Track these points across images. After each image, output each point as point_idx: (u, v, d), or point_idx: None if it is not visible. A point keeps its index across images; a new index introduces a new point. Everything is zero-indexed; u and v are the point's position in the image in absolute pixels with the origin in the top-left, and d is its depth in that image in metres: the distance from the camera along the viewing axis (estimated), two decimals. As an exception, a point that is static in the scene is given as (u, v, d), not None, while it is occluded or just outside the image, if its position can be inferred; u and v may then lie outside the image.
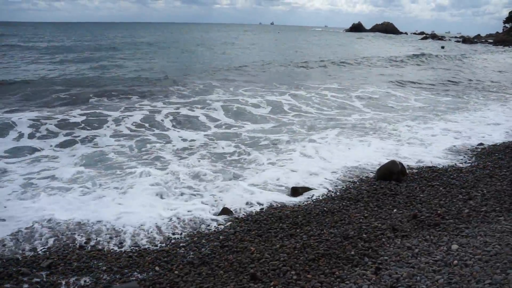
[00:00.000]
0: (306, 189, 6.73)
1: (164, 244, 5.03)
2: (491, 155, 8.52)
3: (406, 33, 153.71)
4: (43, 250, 4.84)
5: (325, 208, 5.82)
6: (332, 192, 6.65)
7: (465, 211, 5.45)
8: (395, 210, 5.71)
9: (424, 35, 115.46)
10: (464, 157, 8.55)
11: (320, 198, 6.41)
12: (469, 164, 7.90)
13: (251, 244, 4.86)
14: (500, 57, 41.05)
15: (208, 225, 5.55)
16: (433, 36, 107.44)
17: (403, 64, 29.90)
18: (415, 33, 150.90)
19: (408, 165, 7.84)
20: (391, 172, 6.93)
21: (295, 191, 6.62)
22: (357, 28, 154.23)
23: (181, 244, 4.98)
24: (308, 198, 6.44)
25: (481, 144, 9.51)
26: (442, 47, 64.83)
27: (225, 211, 5.95)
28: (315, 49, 42.89)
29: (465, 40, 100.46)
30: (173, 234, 5.32)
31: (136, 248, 4.96)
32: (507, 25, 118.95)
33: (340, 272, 4.09)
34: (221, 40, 58.43)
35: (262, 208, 6.06)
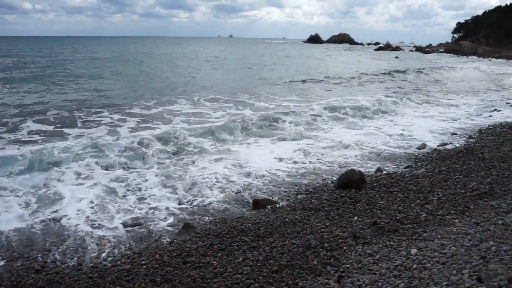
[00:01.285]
0: (268, 201, 6.73)
1: (125, 263, 4.90)
2: (445, 159, 8.79)
3: (362, 44, 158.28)
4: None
5: (286, 219, 5.83)
6: (292, 202, 6.69)
7: (422, 216, 5.58)
8: (355, 218, 5.78)
9: (379, 45, 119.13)
10: (420, 163, 8.81)
11: (282, 209, 6.42)
12: (425, 170, 8.12)
13: (213, 258, 4.80)
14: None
15: (171, 242, 5.46)
16: (388, 46, 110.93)
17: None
18: (370, 44, 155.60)
19: (366, 172, 8.01)
20: (351, 180, 7.04)
21: (257, 204, 6.60)
22: (314, 39, 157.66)
23: (142, 262, 4.86)
24: (270, 209, 6.45)
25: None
26: (396, 57, 67.60)
27: (187, 226, 5.87)
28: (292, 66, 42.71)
29: (418, 49, 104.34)
30: (133, 252, 5.19)
31: (95, 268, 4.81)
32: (455, 35, 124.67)
33: (304, 282, 4.09)
34: (185, 54, 57.49)
35: (225, 221, 6.03)
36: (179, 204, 6.95)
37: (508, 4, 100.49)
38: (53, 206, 6.70)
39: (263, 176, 8.29)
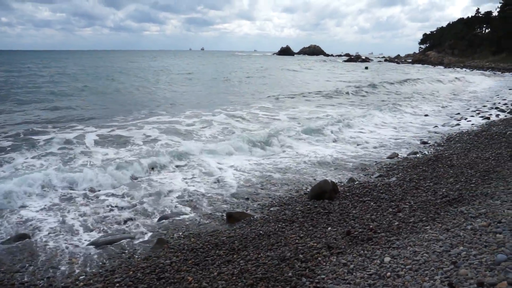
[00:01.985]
0: (242, 214, 6.71)
1: (98, 281, 4.78)
2: (416, 167, 8.95)
3: (332, 55, 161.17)
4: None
5: (261, 232, 5.81)
6: (266, 215, 6.68)
7: (395, 224, 5.64)
8: (329, 228, 5.80)
9: (350, 57, 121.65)
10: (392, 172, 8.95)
11: (256, 221, 6.41)
12: (396, 178, 8.24)
13: (188, 273, 4.73)
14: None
15: (144, 258, 5.37)
16: (357, 57, 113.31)
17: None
18: (340, 55, 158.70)
19: (339, 182, 8.08)
20: (324, 191, 7.08)
21: (230, 217, 6.57)
22: (285, 51, 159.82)
23: (115, 280, 4.75)
24: (244, 222, 6.43)
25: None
26: (366, 68, 69.19)
27: (160, 241, 5.79)
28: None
29: (387, 60, 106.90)
30: (105, 270, 5.08)
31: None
32: (422, 46, 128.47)
33: (279, 294, 4.06)
34: (158, 68, 56.27)
35: (199, 236, 5.97)
36: (152, 219, 6.86)
37: (470, 17, 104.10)
38: (21, 225, 6.51)
39: (237, 192, 8.26)
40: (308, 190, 7.84)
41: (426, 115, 18.68)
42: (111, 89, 26.23)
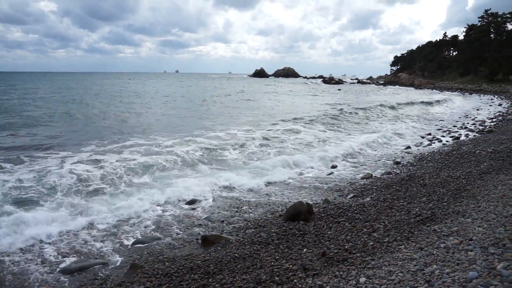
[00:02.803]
0: (217, 237, 6.63)
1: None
2: (389, 187, 9.06)
3: (306, 77, 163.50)
4: None
5: (236, 254, 5.75)
6: (242, 237, 6.62)
7: (370, 244, 5.66)
8: (305, 249, 5.77)
9: (323, 78, 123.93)
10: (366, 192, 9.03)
11: (231, 244, 6.34)
12: (371, 198, 8.31)
13: (161, 300, 4.63)
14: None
15: (118, 284, 5.23)
16: (331, 79, 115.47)
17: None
18: (314, 77, 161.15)
19: (314, 203, 8.10)
20: (299, 212, 7.08)
21: (205, 240, 6.49)
22: (260, 73, 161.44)
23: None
24: (219, 245, 6.36)
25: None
26: (339, 89, 70.64)
27: (134, 266, 5.67)
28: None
29: (360, 82, 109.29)
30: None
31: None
32: (393, 67, 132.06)
33: (254, 318, 4.00)
34: (133, 91, 55.18)
35: (173, 260, 5.87)
36: (126, 243, 6.72)
37: (438, 40, 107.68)
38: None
39: (212, 215, 8.19)
40: (283, 211, 7.82)
41: (398, 135, 19.01)
42: (83, 113, 25.18)
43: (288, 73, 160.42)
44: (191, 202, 8.89)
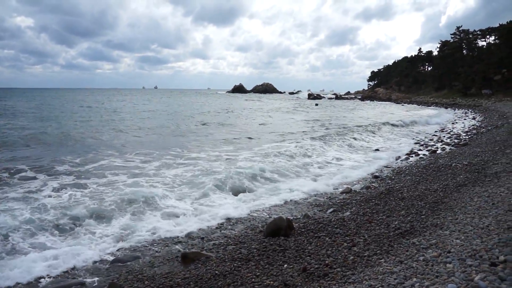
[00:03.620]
0: (197, 254, 6.56)
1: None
2: (368, 201, 9.11)
3: (284, 92, 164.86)
4: None
5: (216, 272, 5.69)
6: (222, 254, 6.56)
7: (350, 258, 5.67)
8: (285, 265, 5.75)
9: (309, 94, 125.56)
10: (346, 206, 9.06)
11: (212, 261, 6.27)
12: (350, 212, 8.34)
13: (140, 321, 4.53)
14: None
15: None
16: (310, 95, 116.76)
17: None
18: (292, 92, 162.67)
19: (294, 218, 8.09)
20: (279, 228, 7.06)
21: (185, 257, 6.41)
22: (238, 89, 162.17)
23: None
24: (199, 262, 6.28)
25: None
26: (316, 104, 71.69)
27: (113, 286, 5.55)
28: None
29: (338, 97, 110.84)
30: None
31: None
32: (370, 82, 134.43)
33: (235, 337, 3.94)
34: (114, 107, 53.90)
35: (153, 278, 5.77)
36: (105, 262, 6.59)
37: (414, 55, 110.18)
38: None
39: (192, 232, 8.10)
40: (263, 227, 7.79)
41: (376, 150, 19.22)
42: (58, 133, 23.69)
43: (266, 88, 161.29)
44: (170, 218, 8.77)
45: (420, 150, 18.59)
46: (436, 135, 24.78)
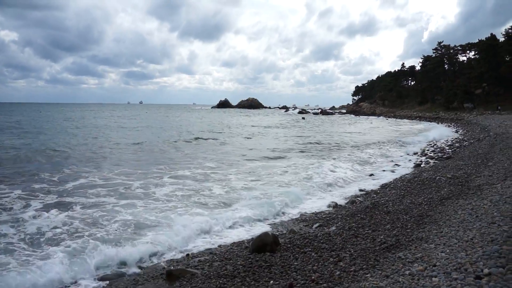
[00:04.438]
0: (182, 271, 6.46)
1: None
2: (354, 216, 9.11)
3: (269, 107, 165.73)
4: None
5: (202, 289, 5.61)
6: (207, 271, 6.48)
7: (336, 273, 5.63)
8: (271, 281, 5.69)
9: (287, 108, 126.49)
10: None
11: (197, 278, 6.18)
12: (336, 227, 8.33)
13: None
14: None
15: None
16: (294, 109, 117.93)
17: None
18: (278, 107, 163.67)
19: (279, 234, 8.04)
20: (265, 244, 7.00)
21: (170, 275, 6.31)
22: (224, 104, 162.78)
23: None
24: (184, 279, 6.19)
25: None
26: (303, 118, 72.43)
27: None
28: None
29: (323, 112, 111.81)
30: None
31: None
32: (355, 97, 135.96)
33: None
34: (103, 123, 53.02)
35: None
36: (91, 280, 6.46)
37: (397, 70, 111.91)
38: None
39: (177, 248, 8.00)
40: (249, 243, 7.72)
41: (362, 163, 19.30)
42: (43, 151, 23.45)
43: (252, 104, 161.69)
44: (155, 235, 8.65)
45: (404, 163, 18.76)
46: (420, 149, 24.92)
